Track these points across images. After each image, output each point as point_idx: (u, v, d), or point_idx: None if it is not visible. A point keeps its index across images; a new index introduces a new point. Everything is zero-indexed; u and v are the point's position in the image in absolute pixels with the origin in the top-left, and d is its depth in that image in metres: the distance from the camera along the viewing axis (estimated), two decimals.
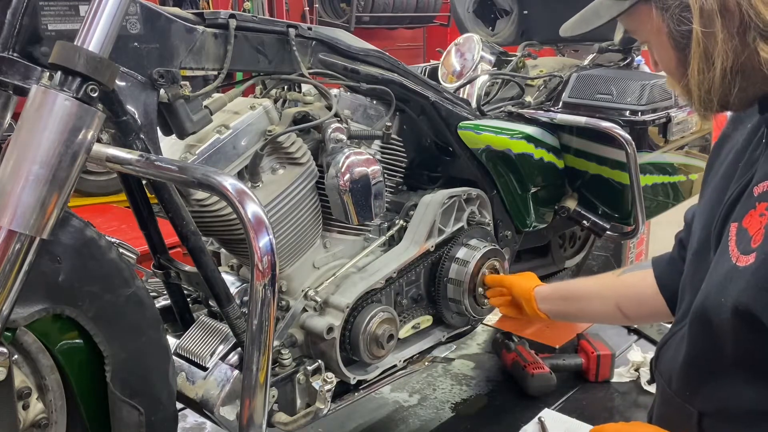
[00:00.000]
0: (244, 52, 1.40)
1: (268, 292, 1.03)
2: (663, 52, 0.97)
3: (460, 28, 2.73)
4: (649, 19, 0.94)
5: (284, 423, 1.42)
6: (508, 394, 2.13)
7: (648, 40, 0.99)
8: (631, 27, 1.01)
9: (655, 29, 0.94)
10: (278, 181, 1.47)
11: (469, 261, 1.72)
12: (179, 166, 1.09)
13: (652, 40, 0.98)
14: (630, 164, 1.83)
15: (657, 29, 0.94)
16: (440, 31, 7.49)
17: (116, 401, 1.15)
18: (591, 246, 2.46)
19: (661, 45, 0.96)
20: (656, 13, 0.92)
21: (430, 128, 1.82)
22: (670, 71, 0.99)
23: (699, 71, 0.89)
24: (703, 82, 0.90)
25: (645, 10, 0.94)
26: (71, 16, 1.15)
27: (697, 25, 0.86)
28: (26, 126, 0.95)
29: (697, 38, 0.87)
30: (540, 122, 1.92)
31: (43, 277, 1.03)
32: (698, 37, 0.87)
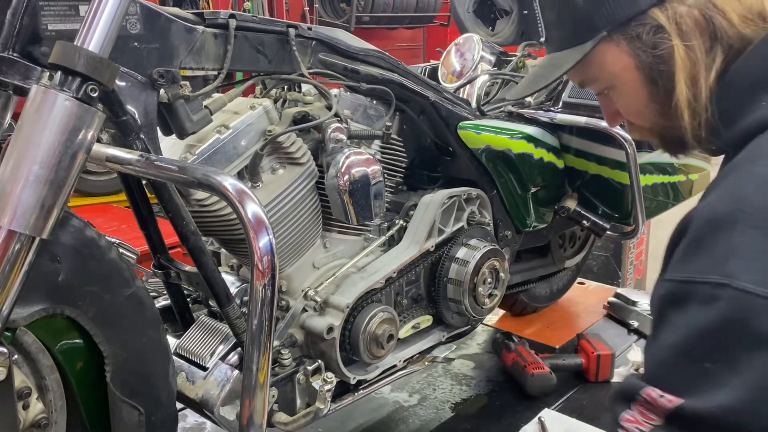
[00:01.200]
0: (244, 52, 1.40)
1: (268, 292, 1.03)
2: (631, 92, 0.92)
3: (460, 28, 2.73)
4: (615, 58, 0.90)
5: (284, 423, 1.42)
6: (508, 394, 2.13)
7: (611, 85, 0.94)
8: (591, 74, 0.95)
9: (622, 67, 0.90)
10: (278, 181, 1.47)
11: (469, 261, 1.72)
12: (179, 166, 1.09)
13: (616, 82, 0.93)
14: (630, 164, 1.83)
15: (624, 66, 0.89)
16: (440, 31, 7.49)
17: (116, 401, 1.15)
18: (591, 246, 2.46)
19: (630, 83, 0.91)
20: (623, 47, 0.88)
21: (430, 128, 1.82)
22: (638, 113, 0.94)
23: (687, 88, 0.85)
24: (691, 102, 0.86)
25: (609, 49, 0.89)
26: (71, 16, 1.15)
27: (677, 42, 0.83)
28: (26, 126, 0.95)
29: (680, 56, 0.84)
30: (540, 122, 1.92)
31: (43, 277, 1.03)
32: (681, 54, 0.84)
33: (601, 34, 0.89)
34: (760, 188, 0.68)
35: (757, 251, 0.65)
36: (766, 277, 0.64)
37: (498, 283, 1.81)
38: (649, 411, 0.70)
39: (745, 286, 0.64)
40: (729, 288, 0.65)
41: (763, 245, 0.65)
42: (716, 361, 0.66)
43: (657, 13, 0.84)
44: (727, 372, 0.65)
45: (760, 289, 0.64)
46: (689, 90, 0.85)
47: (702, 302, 0.67)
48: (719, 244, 0.68)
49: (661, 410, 0.69)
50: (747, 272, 0.65)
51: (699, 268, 0.69)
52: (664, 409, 0.68)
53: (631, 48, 0.88)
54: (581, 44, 0.91)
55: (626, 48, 0.88)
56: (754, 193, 0.68)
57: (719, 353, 0.66)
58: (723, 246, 0.67)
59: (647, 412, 0.70)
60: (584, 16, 0.89)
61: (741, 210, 0.67)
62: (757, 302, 0.63)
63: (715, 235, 0.68)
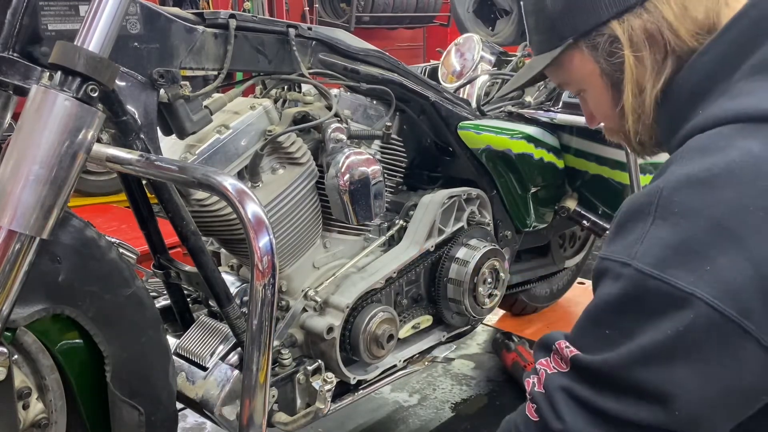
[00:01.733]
0: (244, 52, 1.40)
1: (268, 292, 1.03)
2: (598, 96, 0.98)
3: (460, 28, 2.74)
4: (581, 63, 0.96)
5: (284, 423, 1.42)
6: (508, 394, 2.13)
7: (582, 88, 1.01)
8: (564, 77, 1.02)
9: (588, 72, 0.96)
10: (278, 181, 1.47)
11: (469, 261, 1.72)
12: (179, 166, 1.08)
13: (586, 86, 0.99)
14: (630, 164, 1.83)
15: (590, 71, 0.95)
16: (440, 31, 7.50)
17: (116, 401, 1.15)
18: (591, 246, 2.46)
19: (596, 88, 0.97)
20: (587, 54, 0.94)
21: (430, 128, 1.82)
22: (607, 115, 1.00)
23: (632, 95, 0.92)
24: (636, 108, 0.93)
25: (576, 55, 0.95)
26: (71, 16, 1.15)
27: (628, 52, 0.89)
28: (26, 126, 0.95)
29: (630, 65, 0.90)
30: (540, 122, 1.92)
31: (43, 277, 1.03)
32: (630, 63, 0.90)
33: (567, 41, 0.95)
34: (670, 185, 0.76)
35: (658, 239, 0.74)
36: (659, 261, 0.73)
37: (498, 283, 1.81)
38: (561, 360, 0.82)
39: (642, 267, 0.74)
40: (631, 267, 0.75)
41: (663, 234, 0.74)
42: (613, 328, 0.77)
43: (615, 24, 0.90)
44: (618, 337, 0.75)
45: (653, 271, 0.73)
46: (635, 98, 0.93)
47: (612, 278, 0.77)
48: (634, 231, 0.77)
49: (566, 359, 0.80)
50: (646, 256, 0.74)
51: (616, 248, 0.79)
52: (566, 357, 0.80)
53: (593, 55, 0.94)
54: (552, 50, 0.98)
55: (589, 55, 0.95)
56: (665, 189, 0.76)
57: (616, 322, 0.77)
58: (636, 232, 0.77)
59: (559, 360, 0.82)
60: (553, 24, 0.96)
61: (653, 203, 0.76)
62: (648, 282, 0.73)
63: (632, 223, 0.78)
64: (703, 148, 0.78)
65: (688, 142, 0.82)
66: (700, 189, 0.74)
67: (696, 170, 0.75)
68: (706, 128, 0.81)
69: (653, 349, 0.72)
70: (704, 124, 0.82)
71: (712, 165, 0.75)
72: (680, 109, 0.89)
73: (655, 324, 0.73)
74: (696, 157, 0.78)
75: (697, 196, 0.74)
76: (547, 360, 0.84)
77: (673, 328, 0.71)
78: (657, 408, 0.72)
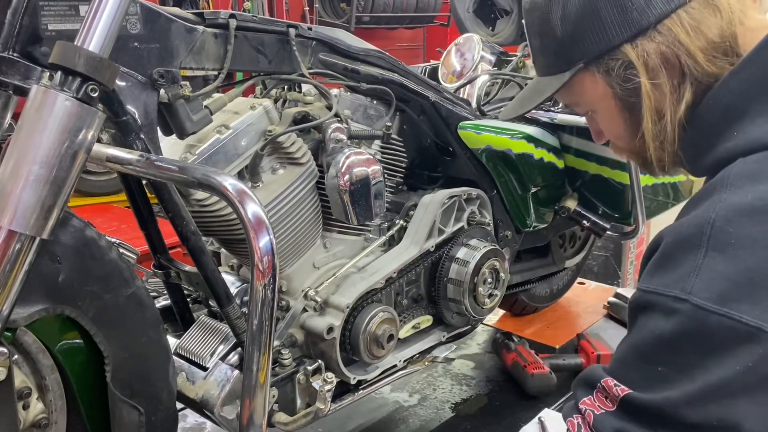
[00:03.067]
0: (244, 52, 1.40)
1: (268, 292, 1.03)
2: (610, 118, 0.96)
3: (460, 28, 2.73)
4: (593, 87, 0.93)
5: (284, 423, 1.42)
6: (508, 394, 2.13)
7: (592, 109, 0.98)
8: (573, 99, 1.00)
9: (600, 95, 0.94)
10: (278, 181, 1.47)
11: (470, 261, 1.72)
12: (179, 166, 1.08)
13: (597, 108, 0.97)
14: (630, 164, 1.83)
15: (602, 95, 0.93)
16: (440, 31, 7.50)
17: (116, 401, 1.15)
18: (591, 246, 2.46)
19: (608, 110, 0.95)
20: (600, 78, 0.92)
21: (430, 128, 1.82)
22: (618, 136, 0.98)
23: (652, 122, 0.90)
24: (658, 135, 0.91)
25: (587, 78, 0.93)
26: (71, 16, 1.15)
27: (644, 79, 0.87)
28: (26, 126, 0.95)
29: (647, 92, 0.88)
30: (540, 122, 1.92)
31: (43, 277, 1.03)
32: (647, 90, 0.88)
33: (578, 65, 0.93)
34: (722, 215, 0.73)
35: (715, 272, 0.71)
36: (720, 296, 0.70)
37: (498, 283, 1.81)
38: (606, 398, 0.78)
39: (702, 302, 0.71)
40: (688, 303, 0.71)
41: (720, 267, 0.71)
42: (668, 365, 0.74)
43: (628, 49, 0.87)
44: (677, 375, 0.72)
45: (715, 306, 0.70)
46: (655, 125, 0.90)
47: (663, 313, 0.74)
48: (684, 263, 0.74)
49: (614, 398, 0.77)
50: (704, 290, 0.71)
51: (665, 281, 0.75)
52: (616, 396, 0.76)
53: (606, 80, 0.92)
54: (561, 73, 0.95)
55: (602, 79, 0.92)
56: (717, 219, 0.73)
57: (673, 359, 0.74)
58: (687, 265, 0.73)
59: (604, 398, 0.78)
60: (562, 47, 0.94)
61: (705, 234, 0.73)
62: (710, 318, 0.70)
63: (682, 254, 0.75)
64: (753, 175, 0.76)
65: (732, 168, 0.78)
66: (756, 218, 0.71)
67: (750, 199, 0.73)
68: (749, 152, 0.78)
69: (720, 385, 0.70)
70: (747, 148, 0.79)
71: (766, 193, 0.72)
72: (712, 130, 0.86)
73: (719, 361, 0.70)
74: (746, 184, 0.75)
75: (754, 225, 0.71)
76: (591, 399, 0.80)
77: (741, 363, 0.69)
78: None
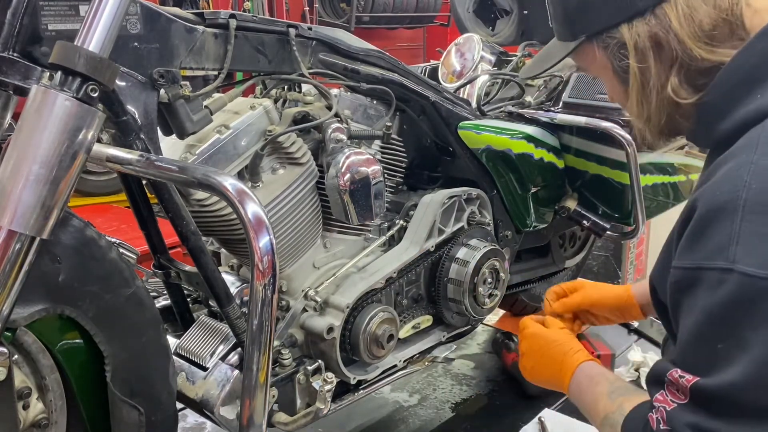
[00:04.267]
0: (245, 52, 1.40)
1: (268, 292, 1.03)
2: (611, 87, 1.01)
3: (460, 28, 2.74)
4: (594, 58, 0.98)
5: (284, 423, 1.42)
6: (508, 394, 2.13)
7: (598, 75, 1.03)
8: (582, 64, 1.05)
9: (601, 66, 0.98)
10: (278, 181, 1.47)
11: (470, 261, 1.72)
12: (179, 166, 1.08)
13: (600, 76, 1.02)
14: (630, 164, 1.83)
15: (603, 65, 0.97)
16: (440, 31, 7.49)
17: (116, 401, 1.15)
18: (591, 246, 2.46)
19: (609, 80, 1.00)
20: (599, 51, 0.96)
21: (430, 128, 1.82)
22: (620, 102, 1.02)
23: (638, 103, 0.93)
24: (641, 114, 0.94)
25: (590, 49, 0.97)
26: (71, 16, 1.15)
27: (633, 61, 0.90)
28: (26, 126, 0.95)
29: (634, 73, 0.91)
30: (540, 122, 1.92)
31: (43, 277, 1.03)
32: (635, 71, 0.91)
33: (580, 38, 0.97)
34: (758, 175, 0.71)
35: (757, 235, 0.69)
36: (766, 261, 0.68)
37: (498, 283, 1.81)
38: (677, 390, 0.76)
39: (748, 270, 0.68)
40: (734, 272, 0.69)
41: (763, 229, 0.69)
42: (726, 341, 0.71)
43: (624, 29, 0.90)
44: (736, 350, 0.69)
45: (763, 272, 0.68)
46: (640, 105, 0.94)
47: (709, 287, 0.71)
48: (722, 231, 0.71)
49: (684, 389, 0.74)
50: (749, 256, 0.68)
51: (705, 254, 0.73)
52: (685, 388, 0.74)
53: (605, 54, 0.96)
54: (569, 41, 1.00)
55: (602, 53, 0.96)
56: (753, 180, 0.71)
57: (728, 334, 0.70)
58: (726, 232, 0.71)
59: (676, 391, 0.76)
60: (569, 19, 0.99)
61: (741, 197, 0.71)
62: (759, 284, 0.68)
63: (719, 222, 0.72)
64: None
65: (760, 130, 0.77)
66: None
67: None
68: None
69: None
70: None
71: None
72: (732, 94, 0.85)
73: None
74: None
75: None
76: (663, 394, 0.78)
77: None
78: None
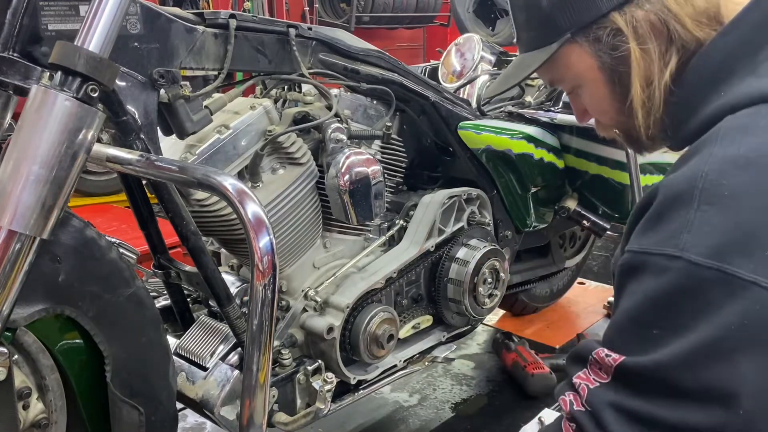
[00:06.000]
0: (245, 52, 1.40)
1: (268, 292, 1.03)
2: (595, 91, 0.96)
3: (460, 28, 2.74)
4: (579, 59, 0.93)
5: (284, 423, 1.42)
6: (508, 394, 2.13)
7: (577, 84, 0.98)
8: (558, 74, 1.00)
9: (586, 67, 0.93)
10: (278, 181, 1.47)
11: (470, 261, 1.72)
12: (179, 166, 1.08)
13: (582, 81, 0.97)
14: (630, 164, 1.83)
15: (588, 66, 0.93)
16: (440, 31, 7.49)
17: (116, 401, 1.15)
18: (591, 246, 2.46)
19: (594, 82, 0.95)
20: (587, 48, 0.92)
21: (430, 128, 1.82)
22: (603, 111, 0.98)
23: (641, 89, 0.89)
24: (646, 102, 0.90)
25: (574, 50, 0.93)
26: (71, 16, 1.15)
27: (633, 45, 0.87)
28: (26, 126, 0.95)
29: (636, 58, 0.88)
30: (540, 122, 1.92)
31: (43, 277, 1.03)
32: (636, 56, 0.87)
33: (565, 36, 0.93)
34: (715, 167, 0.71)
35: (708, 225, 0.69)
36: (713, 251, 0.67)
37: (498, 283, 1.81)
38: (600, 369, 0.75)
39: (695, 258, 0.68)
40: (681, 260, 0.69)
41: (714, 220, 0.69)
42: (663, 327, 0.70)
43: (616, 16, 0.87)
44: (671, 335, 0.69)
45: (709, 261, 0.67)
46: (644, 91, 0.90)
47: (655, 273, 0.71)
48: (676, 219, 0.71)
49: (608, 368, 0.73)
50: (698, 245, 0.68)
51: (655, 240, 0.73)
52: (609, 366, 0.73)
53: (593, 49, 0.91)
54: (547, 45, 0.95)
55: (589, 49, 0.92)
56: (710, 172, 0.71)
57: (666, 320, 0.70)
58: (679, 221, 0.71)
59: (598, 370, 0.75)
60: (549, 18, 0.94)
61: (697, 187, 0.71)
62: (705, 273, 0.67)
63: (673, 210, 0.72)
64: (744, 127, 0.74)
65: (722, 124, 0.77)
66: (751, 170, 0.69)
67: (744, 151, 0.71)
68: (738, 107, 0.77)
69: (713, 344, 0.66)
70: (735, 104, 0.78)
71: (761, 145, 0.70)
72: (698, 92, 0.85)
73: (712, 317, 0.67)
74: (738, 136, 0.73)
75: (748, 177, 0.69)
76: (585, 372, 0.77)
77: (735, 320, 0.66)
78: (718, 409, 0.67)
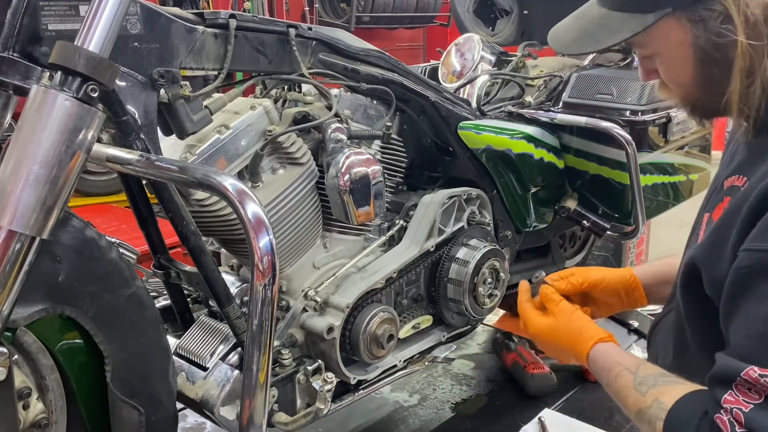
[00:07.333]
0: (245, 52, 1.40)
1: (268, 292, 1.03)
2: (678, 65, 0.89)
3: (460, 28, 2.73)
4: (674, 33, 0.86)
5: (284, 423, 1.42)
6: (508, 394, 2.13)
7: (659, 52, 0.91)
8: (639, 40, 0.92)
9: (676, 42, 0.87)
10: (278, 181, 1.47)
11: (470, 261, 1.72)
12: (179, 166, 1.09)
13: (669, 53, 0.90)
14: (630, 164, 1.83)
15: (679, 41, 0.86)
16: (440, 31, 7.49)
17: (116, 401, 1.15)
18: (591, 246, 2.45)
19: (679, 58, 0.88)
20: (685, 25, 0.85)
21: (430, 128, 1.82)
22: (680, 83, 0.92)
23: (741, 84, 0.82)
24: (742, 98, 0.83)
25: (671, 24, 0.86)
26: (71, 16, 1.15)
27: (742, 37, 0.79)
28: (26, 126, 0.95)
29: (742, 51, 0.80)
30: (540, 122, 1.92)
31: (43, 277, 1.03)
32: (744, 49, 0.79)
33: (666, 10, 0.85)
34: None
35: None
36: None
37: (498, 283, 1.81)
38: (750, 390, 0.70)
39: None
40: None
41: None
42: None
43: (728, 1, 0.80)
44: None
45: None
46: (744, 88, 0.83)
47: None
48: None
49: (762, 389, 0.68)
50: None
51: None
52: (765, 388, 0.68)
53: (693, 29, 0.84)
54: (642, 14, 0.87)
55: (687, 27, 0.85)
56: None
57: None
58: None
59: (748, 391, 0.70)
60: None
61: None
62: None
63: None
64: None
65: None
66: None
67: None
68: None
69: None
70: None
71: None
72: None
73: None
74: None
75: None
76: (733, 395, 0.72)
77: None
78: None
